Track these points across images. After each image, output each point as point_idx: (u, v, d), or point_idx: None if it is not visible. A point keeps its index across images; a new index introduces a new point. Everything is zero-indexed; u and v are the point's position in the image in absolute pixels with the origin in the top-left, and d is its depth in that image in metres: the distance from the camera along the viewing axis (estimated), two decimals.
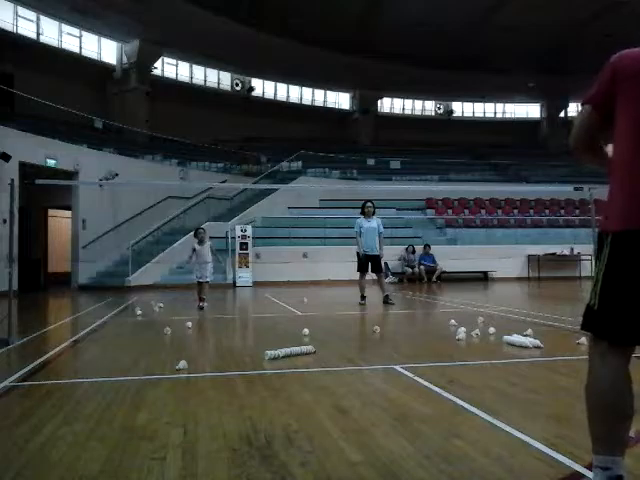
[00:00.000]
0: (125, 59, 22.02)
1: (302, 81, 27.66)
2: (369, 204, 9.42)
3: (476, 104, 31.54)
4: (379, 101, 29.72)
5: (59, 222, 18.08)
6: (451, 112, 30.91)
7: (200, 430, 2.63)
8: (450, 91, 28.60)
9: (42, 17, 19.72)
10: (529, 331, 5.19)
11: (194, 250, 9.08)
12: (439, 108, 31.21)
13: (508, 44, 24.06)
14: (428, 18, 22.40)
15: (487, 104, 31.65)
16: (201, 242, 9.11)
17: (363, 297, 9.19)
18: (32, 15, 19.49)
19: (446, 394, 3.21)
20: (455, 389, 3.31)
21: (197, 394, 3.34)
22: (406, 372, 3.81)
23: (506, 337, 5.02)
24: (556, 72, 26.72)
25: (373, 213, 9.43)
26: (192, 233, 15.89)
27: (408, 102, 31.00)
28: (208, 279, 9.18)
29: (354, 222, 9.63)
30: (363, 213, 9.45)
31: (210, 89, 25.59)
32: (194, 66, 25.02)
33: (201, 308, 8.77)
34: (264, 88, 27.43)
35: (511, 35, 23.40)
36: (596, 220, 7.66)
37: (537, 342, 4.72)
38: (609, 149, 1.87)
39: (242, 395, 3.31)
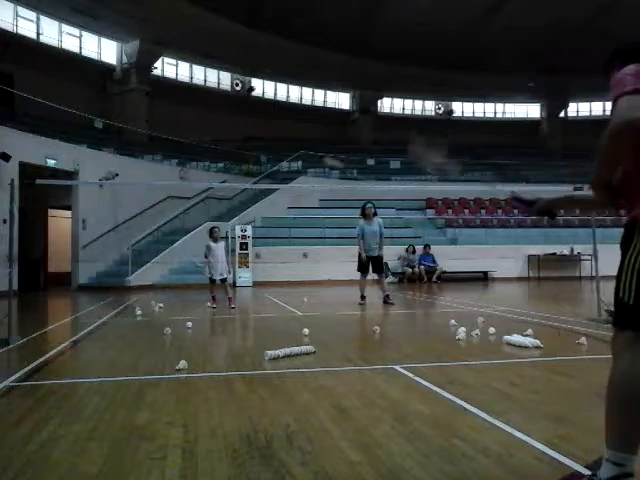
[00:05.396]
0: (125, 59, 22.01)
1: (302, 81, 27.66)
2: (369, 205, 9.41)
3: (476, 104, 31.54)
4: (379, 101, 29.72)
5: (59, 222, 18.08)
6: (451, 112, 30.91)
7: (200, 430, 2.63)
8: (450, 91, 28.59)
9: (42, 17, 19.72)
10: (529, 331, 5.19)
11: (209, 248, 9.11)
12: (439, 108, 31.21)
13: (508, 44, 24.04)
14: (428, 18, 22.40)
15: (487, 104, 31.64)
16: (216, 241, 9.17)
17: (363, 297, 9.20)
18: (32, 15, 19.49)
19: (446, 394, 3.21)
20: (455, 389, 3.31)
21: (197, 394, 3.34)
22: (406, 372, 3.81)
23: (506, 337, 5.02)
24: (556, 72, 26.72)
25: (374, 214, 9.42)
26: (191, 233, 16.20)
27: (408, 102, 31.01)
28: (225, 276, 9.26)
29: (356, 224, 9.66)
30: (364, 215, 9.43)
31: (210, 89, 25.59)
32: (194, 66, 25.03)
33: (214, 307, 8.83)
34: (264, 88, 27.44)
35: (511, 35, 23.39)
36: (596, 220, 7.67)
37: (537, 342, 4.72)
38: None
39: (242, 395, 3.31)
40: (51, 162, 14.70)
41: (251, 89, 26.58)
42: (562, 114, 30.81)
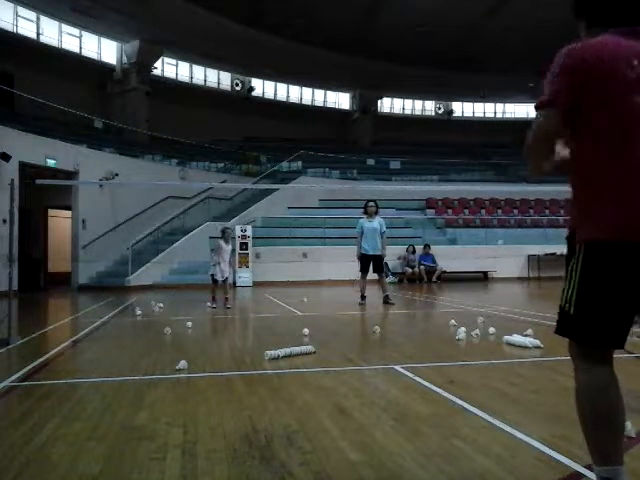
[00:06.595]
0: (125, 59, 22.01)
1: (302, 81, 27.66)
2: (371, 203, 9.44)
3: (476, 104, 31.54)
4: (379, 101, 29.72)
5: (59, 222, 18.07)
6: (451, 112, 30.91)
7: (200, 430, 2.63)
8: (450, 91, 28.59)
9: (42, 17, 19.71)
10: (529, 331, 5.20)
11: (219, 247, 9.13)
12: (439, 108, 31.21)
13: (508, 44, 24.02)
14: (428, 18, 22.39)
15: (487, 104, 31.65)
16: (227, 241, 9.19)
17: (363, 297, 9.19)
18: (32, 15, 19.48)
19: (446, 394, 3.21)
20: (455, 389, 3.31)
21: (197, 394, 3.34)
22: (406, 372, 3.81)
23: (506, 337, 5.02)
24: None
25: (376, 212, 9.44)
26: (192, 233, 16.20)
27: (408, 102, 31.01)
28: (227, 276, 9.29)
29: (356, 222, 9.66)
30: (366, 213, 9.47)
31: (210, 89, 25.59)
32: (194, 66, 25.03)
33: (214, 307, 8.85)
34: (264, 88, 27.44)
35: (511, 35, 23.36)
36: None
37: (537, 342, 4.73)
38: (562, 151, 1.78)
39: (242, 395, 3.31)
40: (51, 162, 14.69)
41: (251, 89, 26.57)
42: None
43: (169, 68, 24.33)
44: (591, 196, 1.66)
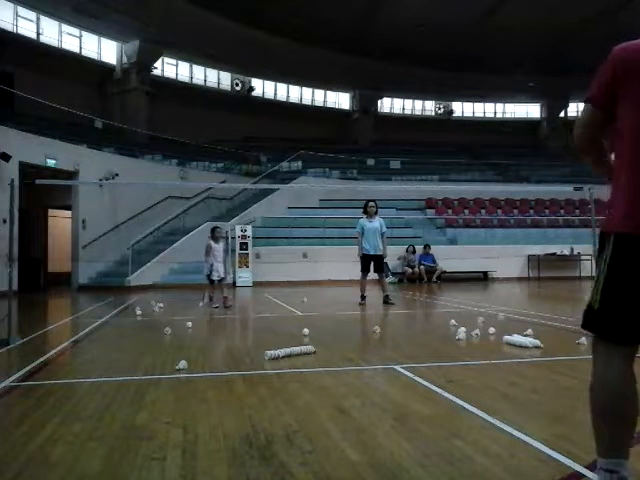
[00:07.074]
0: (125, 59, 22.01)
1: (302, 81, 27.66)
2: (372, 203, 9.44)
3: (476, 104, 31.54)
4: (379, 101, 29.72)
5: (59, 222, 18.08)
6: (451, 112, 30.91)
7: (200, 430, 2.63)
8: (450, 91, 28.59)
9: (42, 17, 19.72)
10: (529, 331, 5.19)
11: (209, 248, 9.15)
12: (439, 108, 31.20)
13: (508, 44, 24.03)
14: (428, 18, 22.40)
15: (487, 104, 31.65)
16: (217, 241, 9.19)
17: (363, 297, 9.19)
18: (32, 15, 19.48)
19: (446, 394, 3.20)
20: (455, 389, 3.31)
21: (197, 394, 3.34)
22: (406, 372, 3.81)
23: (506, 337, 5.02)
24: (556, 72, 26.74)
25: (375, 213, 9.46)
26: (192, 233, 16.19)
27: (408, 102, 31.01)
28: (223, 276, 9.31)
29: (356, 222, 9.67)
30: (366, 212, 9.47)
31: (210, 89, 25.59)
32: (194, 66, 25.03)
33: (216, 307, 8.89)
34: (264, 88, 27.43)
35: (511, 35, 23.38)
36: (596, 220, 7.65)
37: (537, 342, 4.72)
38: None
39: (242, 395, 3.30)
40: (51, 162, 14.69)
41: (251, 89, 26.57)
42: (562, 114, 30.82)
43: (169, 68, 24.33)
44: (620, 190, 1.71)
